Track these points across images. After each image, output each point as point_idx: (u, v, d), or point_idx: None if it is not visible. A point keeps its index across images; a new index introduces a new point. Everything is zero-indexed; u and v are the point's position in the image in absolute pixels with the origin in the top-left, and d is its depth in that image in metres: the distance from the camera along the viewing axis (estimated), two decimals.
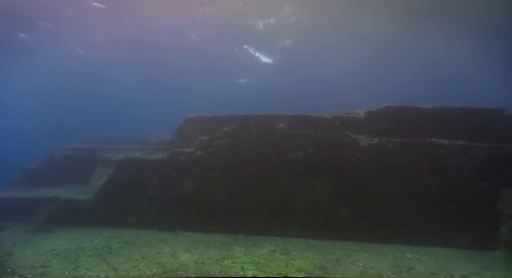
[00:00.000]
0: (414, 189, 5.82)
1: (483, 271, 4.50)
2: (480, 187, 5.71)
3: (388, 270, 4.40)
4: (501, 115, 6.53)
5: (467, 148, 5.84)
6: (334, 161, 6.17)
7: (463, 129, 6.32)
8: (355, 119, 6.69)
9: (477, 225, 5.57)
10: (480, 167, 5.74)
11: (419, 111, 6.63)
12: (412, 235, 5.62)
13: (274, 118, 6.59)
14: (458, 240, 5.57)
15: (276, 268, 4.32)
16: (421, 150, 5.93)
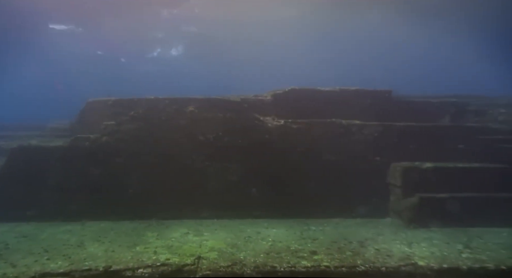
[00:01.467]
0: (317, 166, 6.25)
1: (376, 236, 5.05)
2: (373, 162, 6.32)
3: (295, 242, 4.70)
4: (390, 96, 7.24)
5: (362, 127, 6.41)
6: (244, 143, 6.33)
7: (359, 109, 6.89)
8: (262, 102, 6.90)
9: (372, 196, 6.19)
10: (373, 143, 6.35)
11: (321, 93, 7.06)
12: (317, 208, 6.05)
13: (183, 102, 6.53)
14: (356, 210, 6.14)
15: (189, 249, 4.37)
16: (323, 129, 6.37)
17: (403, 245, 4.62)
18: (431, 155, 6.26)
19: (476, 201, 5.64)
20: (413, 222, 5.52)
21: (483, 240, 4.86)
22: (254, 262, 3.95)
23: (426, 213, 5.54)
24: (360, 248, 4.47)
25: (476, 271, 3.95)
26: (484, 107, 7.50)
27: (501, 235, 5.10)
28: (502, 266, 3.99)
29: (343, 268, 3.90)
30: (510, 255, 4.28)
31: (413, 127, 6.51)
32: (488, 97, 8.30)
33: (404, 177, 5.89)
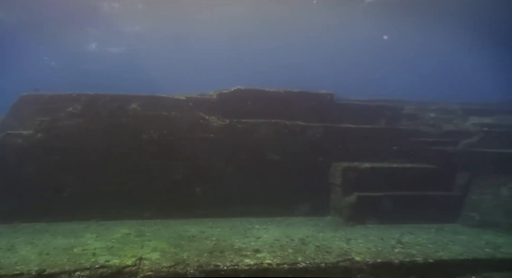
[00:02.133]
0: (261, 165, 6.35)
1: (317, 233, 5.22)
2: (316, 162, 6.53)
3: (239, 241, 4.75)
4: (331, 99, 7.52)
5: (305, 128, 6.59)
6: (189, 142, 6.28)
7: (302, 110, 7.08)
8: (207, 101, 6.88)
9: (314, 194, 6.40)
10: (315, 144, 6.56)
11: (266, 94, 7.17)
12: (261, 207, 6.15)
13: (126, 99, 6.34)
14: (299, 209, 6.32)
15: (130, 250, 4.26)
16: (267, 129, 6.47)
17: (342, 242, 4.82)
18: (369, 155, 6.59)
19: (408, 199, 6.03)
20: (351, 220, 5.79)
21: (413, 236, 5.20)
22: (197, 262, 3.93)
23: (364, 211, 5.83)
24: (302, 246, 4.60)
25: (407, 265, 4.21)
26: (416, 111, 8.01)
27: (430, 231, 5.49)
28: (430, 260, 4.29)
29: (285, 265, 3.99)
30: (437, 249, 4.62)
31: (353, 129, 6.81)
32: (420, 102, 8.87)
33: (343, 177, 6.14)
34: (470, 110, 8.35)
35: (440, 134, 7.20)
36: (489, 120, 7.70)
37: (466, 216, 6.07)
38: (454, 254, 4.50)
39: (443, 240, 5.03)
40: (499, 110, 8.61)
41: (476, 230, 5.69)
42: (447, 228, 5.74)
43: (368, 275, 4.10)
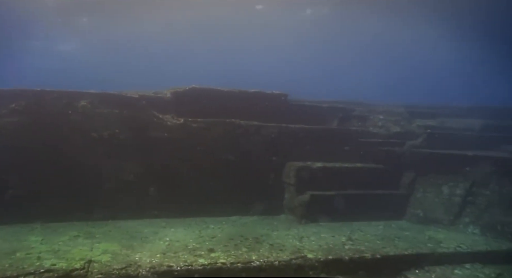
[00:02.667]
0: (216, 165, 6.34)
1: (271, 232, 5.30)
2: (270, 161, 6.61)
3: (193, 241, 4.71)
4: (286, 100, 7.64)
5: (259, 128, 6.65)
6: (142, 141, 6.14)
7: (257, 110, 7.14)
8: (161, 99, 6.76)
9: (269, 194, 6.48)
10: (270, 144, 6.64)
11: (221, 93, 7.15)
12: (216, 207, 6.14)
13: (75, 95, 6.08)
14: (254, 208, 6.37)
15: (79, 253, 4.10)
16: (222, 129, 6.46)
17: (295, 240, 4.92)
18: (321, 155, 6.77)
19: (359, 198, 6.27)
20: (304, 218, 5.91)
21: (363, 233, 5.41)
22: (149, 263, 3.86)
23: (316, 209, 5.98)
24: (256, 244, 4.65)
25: (356, 261, 4.37)
26: (366, 113, 8.31)
27: (378, 228, 5.74)
28: (377, 255, 4.49)
29: (239, 264, 4.01)
30: (384, 245, 4.84)
31: (306, 129, 6.95)
32: (370, 104, 9.22)
33: (297, 176, 6.26)
34: (415, 112, 8.78)
35: (388, 135, 7.52)
36: (432, 123, 8.14)
37: (411, 213, 6.41)
38: (399, 249, 4.73)
39: (390, 236, 5.27)
40: (441, 113, 9.13)
41: (420, 226, 6.01)
42: (394, 224, 6.02)
43: (319, 271, 4.22)
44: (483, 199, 5.99)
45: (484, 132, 7.91)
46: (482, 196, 6.02)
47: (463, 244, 5.09)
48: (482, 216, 5.83)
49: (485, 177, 6.11)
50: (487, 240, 5.38)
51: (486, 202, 5.93)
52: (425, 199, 6.43)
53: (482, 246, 5.12)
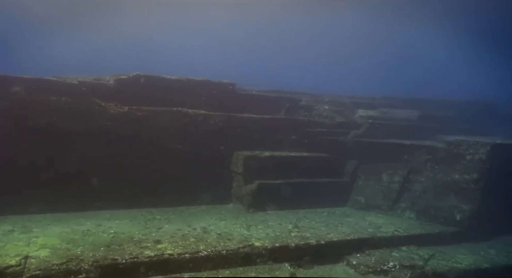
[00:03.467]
0: (163, 154, 6.20)
1: (219, 221, 5.31)
2: (218, 151, 6.58)
3: (139, 232, 4.60)
4: (234, 89, 7.61)
5: (207, 117, 6.58)
6: (83, 130, 5.84)
7: (205, 99, 7.06)
8: (104, 86, 6.46)
9: (217, 183, 6.46)
10: (218, 133, 6.60)
11: (168, 82, 6.97)
12: (163, 197, 6.02)
13: (6, 80, 5.62)
14: (201, 197, 6.33)
15: (14, 249, 3.85)
16: (169, 118, 6.32)
17: (243, 229, 4.97)
18: (269, 144, 6.85)
19: (305, 186, 6.43)
20: (252, 207, 5.98)
21: (308, 220, 5.57)
22: (93, 257, 3.73)
23: (264, 198, 6.06)
24: (204, 234, 4.64)
25: (302, 247, 4.51)
26: (312, 103, 8.50)
27: (323, 215, 5.94)
28: (322, 241, 4.66)
29: (187, 255, 3.99)
30: (328, 231, 5.02)
31: (254, 118, 6.99)
32: (316, 94, 9.44)
33: (245, 165, 6.29)
34: (358, 103, 9.13)
35: (333, 125, 7.75)
36: (374, 113, 8.50)
37: (354, 200, 6.69)
38: (342, 235, 4.93)
39: (334, 223, 5.48)
40: (381, 104, 9.56)
41: (362, 212, 6.30)
42: (338, 211, 6.26)
43: (267, 259, 4.30)
44: (419, 186, 6.38)
45: (420, 122, 8.39)
46: (418, 182, 6.42)
47: (400, 228, 5.41)
48: (417, 201, 6.22)
49: (421, 164, 6.50)
50: (422, 224, 5.77)
51: (421, 189, 6.33)
52: (366, 186, 6.74)
53: (417, 229, 5.47)
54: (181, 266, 3.93)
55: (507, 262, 4.95)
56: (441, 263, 4.69)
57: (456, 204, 5.87)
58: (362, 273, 4.33)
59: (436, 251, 5.02)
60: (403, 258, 4.65)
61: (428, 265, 4.58)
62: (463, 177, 6.01)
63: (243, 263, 4.19)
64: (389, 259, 4.60)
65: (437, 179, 6.25)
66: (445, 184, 6.13)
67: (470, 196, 5.84)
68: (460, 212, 5.77)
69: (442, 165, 6.30)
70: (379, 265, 4.45)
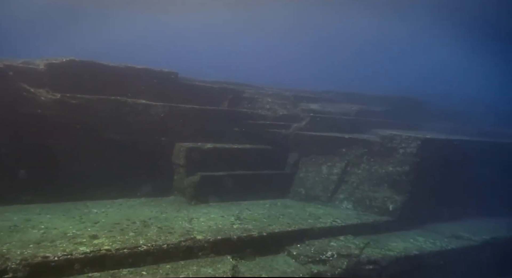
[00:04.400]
0: (100, 145, 5.90)
1: (160, 214, 5.16)
2: (159, 142, 6.39)
3: (73, 227, 4.34)
4: (176, 78, 7.43)
5: (148, 107, 6.37)
6: (9, 117, 5.39)
7: (146, 88, 6.81)
8: (34, 71, 6.00)
9: (157, 175, 6.28)
10: (159, 123, 6.41)
11: (105, 69, 6.64)
12: (100, 189, 5.75)
13: None
14: (141, 190, 6.13)
15: None
16: (106, 107, 6.01)
17: (184, 222, 4.87)
18: (212, 136, 6.78)
19: (247, 178, 6.45)
20: (194, 199, 5.89)
21: (250, 212, 5.59)
22: (21, 254, 3.45)
23: (206, 190, 6.00)
24: (143, 228, 4.48)
25: (244, 239, 4.51)
26: (256, 96, 8.53)
27: (265, 206, 5.99)
28: (264, 233, 4.69)
29: (125, 250, 3.83)
30: (270, 223, 5.07)
31: (197, 109, 6.87)
32: (259, 86, 9.49)
33: (187, 157, 6.18)
34: (300, 96, 9.31)
35: (276, 117, 7.84)
36: (315, 107, 8.72)
37: (295, 191, 6.83)
38: (284, 226, 5.01)
39: (275, 214, 5.55)
40: (322, 97, 9.84)
41: (302, 203, 6.45)
42: (280, 203, 6.35)
43: (209, 252, 4.26)
44: (356, 178, 6.65)
45: (358, 116, 8.74)
46: (355, 174, 6.69)
47: (338, 219, 5.61)
48: (354, 192, 6.49)
49: (358, 157, 6.77)
50: (358, 214, 6.02)
51: (358, 180, 6.60)
52: (307, 178, 6.91)
53: (353, 219, 5.70)
54: (120, 262, 3.77)
55: (433, 248, 5.31)
56: (375, 251, 4.93)
57: (389, 195, 6.19)
58: (302, 263, 4.43)
59: (370, 240, 5.27)
60: (340, 248, 4.82)
61: (363, 253, 4.79)
62: (396, 170, 6.34)
63: (184, 257, 4.11)
64: (327, 248, 4.74)
65: (372, 171, 6.55)
66: (380, 176, 6.44)
67: (402, 187, 6.19)
68: (392, 202, 6.10)
69: (377, 158, 6.60)
70: (318, 255, 4.57)
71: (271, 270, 4.14)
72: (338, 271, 4.41)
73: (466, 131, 8.92)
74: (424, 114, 10.39)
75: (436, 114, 10.65)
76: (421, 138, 6.36)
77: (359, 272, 4.58)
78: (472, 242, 5.77)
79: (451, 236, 5.86)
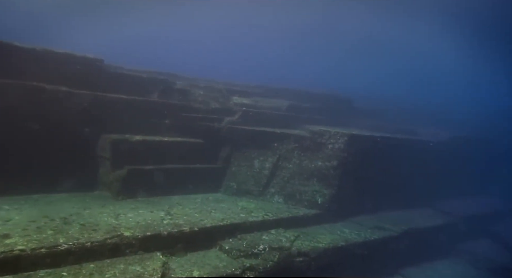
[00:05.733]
0: (15, 135, 5.34)
1: (83, 210, 4.80)
2: (83, 133, 5.95)
3: None
4: (102, 65, 6.97)
5: (70, 95, 5.88)
6: None
7: (68, 75, 6.30)
8: None
9: (80, 168, 5.84)
10: (82, 113, 5.96)
11: (20, 51, 6.02)
12: (12, 184, 5.20)
13: None
14: (61, 184, 5.65)
15: None
16: (22, 93, 5.45)
17: (110, 218, 4.59)
18: (141, 128, 6.47)
19: (178, 172, 6.25)
20: (121, 194, 5.57)
21: (181, 206, 5.43)
22: None
23: (135, 185, 5.70)
24: (64, 225, 4.14)
25: (175, 235, 4.37)
26: (188, 87, 8.31)
27: (196, 201, 5.86)
28: (195, 228, 4.58)
29: (42, 250, 3.51)
30: (201, 218, 4.97)
31: (125, 99, 6.51)
32: (191, 78, 9.27)
33: (113, 150, 5.82)
34: (233, 90, 9.24)
35: (208, 110, 7.70)
36: (247, 101, 8.71)
37: (227, 185, 6.77)
38: (216, 220, 4.94)
39: (207, 209, 5.45)
40: (255, 92, 9.87)
41: (234, 198, 6.41)
42: (211, 197, 6.25)
43: (137, 249, 4.06)
44: (287, 172, 6.76)
45: (289, 112, 8.90)
46: (286, 169, 6.79)
47: (270, 213, 5.66)
48: (285, 186, 6.59)
49: (289, 152, 6.88)
50: (288, 208, 6.13)
51: (288, 175, 6.71)
52: (239, 173, 6.88)
53: (284, 213, 5.79)
54: (36, 263, 3.44)
55: (357, 239, 5.59)
56: (304, 243, 5.05)
57: (318, 188, 6.38)
58: (234, 257, 4.39)
59: (300, 233, 5.38)
60: (272, 241, 4.86)
61: (294, 246, 4.88)
62: (325, 164, 6.55)
63: (111, 255, 3.87)
64: (259, 242, 4.75)
65: (303, 165, 6.70)
66: (309, 171, 6.60)
67: (330, 181, 6.41)
68: (321, 196, 6.30)
69: (308, 153, 6.76)
70: (250, 249, 4.56)
71: (203, 266, 4.05)
72: (270, 264, 4.45)
73: (385, 128, 9.50)
74: (351, 111, 10.89)
75: (361, 112, 11.23)
76: (348, 134, 6.63)
77: (290, 265, 4.65)
78: (392, 232, 6.16)
79: (374, 227, 6.20)
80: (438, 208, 8.01)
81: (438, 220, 7.36)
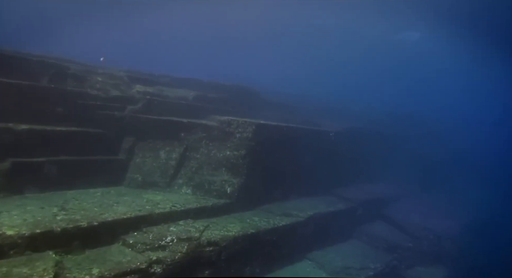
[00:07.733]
0: None
1: None
2: None
3: None
4: None
5: None
6: None
7: None
8: None
9: None
10: None
11: None
12: None
13: None
14: None
15: None
16: None
17: None
18: (28, 116, 5.71)
19: (74, 164, 5.66)
20: (4, 191, 4.83)
21: (78, 201, 4.92)
22: None
23: (21, 179, 5.00)
24: None
25: (70, 231, 3.93)
26: (84, 73, 7.60)
27: (96, 195, 5.36)
28: (95, 223, 4.17)
29: None
30: (102, 212, 4.55)
31: (7, 84, 5.69)
32: (87, 64, 8.53)
33: None
34: (135, 78, 8.72)
35: (107, 98, 7.12)
36: (152, 90, 8.28)
37: (131, 178, 6.31)
38: (118, 214, 4.57)
39: (108, 202, 5.02)
40: (160, 81, 9.45)
41: (139, 190, 6.02)
42: (113, 191, 5.77)
43: (24, 249, 3.55)
44: (195, 162, 6.54)
45: (195, 102, 8.67)
46: (194, 159, 6.57)
47: (178, 204, 5.41)
48: (193, 177, 6.37)
49: (197, 142, 6.67)
50: (197, 198, 5.93)
51: (197, 165, 6.50)
52: (144, 164, 6.48)
53: (193, 204, 5.58)
54: None
55: (267, 226, 5.63)
56: (214, 233, 4.91)
57: (227, 178, 6.28)
58: (139, 251, 4.10)
59: (210, 223, 5.24)
60: (180, 232, 4.64)
61: (203, 236, 4.73)
62: (233, 153, 6.47)
63: None
64: (167, 234, 4.51)
65: (211, 155, 6.54)
66: (218, 160, 6.47)
67: (239, 171, 6.35)
68: (230, 185, 6.21)
69: (216, 143, 6.63)
70: (156, 241, 4.31)
71: (104, 262, 3.69)
72: (179, 255, 4.24)
73: (293, 121, 9.78)
74: (259, 103, 11.02)
75: (269, 104, 11.44)
76: (255, 123, 6.64)
77: (199, 254, 4.48)
78: (299, 218, 6.33)
79: (282, 214, 6.31)
80: (339, 195, 8.43)
81: (339, 205, 7.74)
